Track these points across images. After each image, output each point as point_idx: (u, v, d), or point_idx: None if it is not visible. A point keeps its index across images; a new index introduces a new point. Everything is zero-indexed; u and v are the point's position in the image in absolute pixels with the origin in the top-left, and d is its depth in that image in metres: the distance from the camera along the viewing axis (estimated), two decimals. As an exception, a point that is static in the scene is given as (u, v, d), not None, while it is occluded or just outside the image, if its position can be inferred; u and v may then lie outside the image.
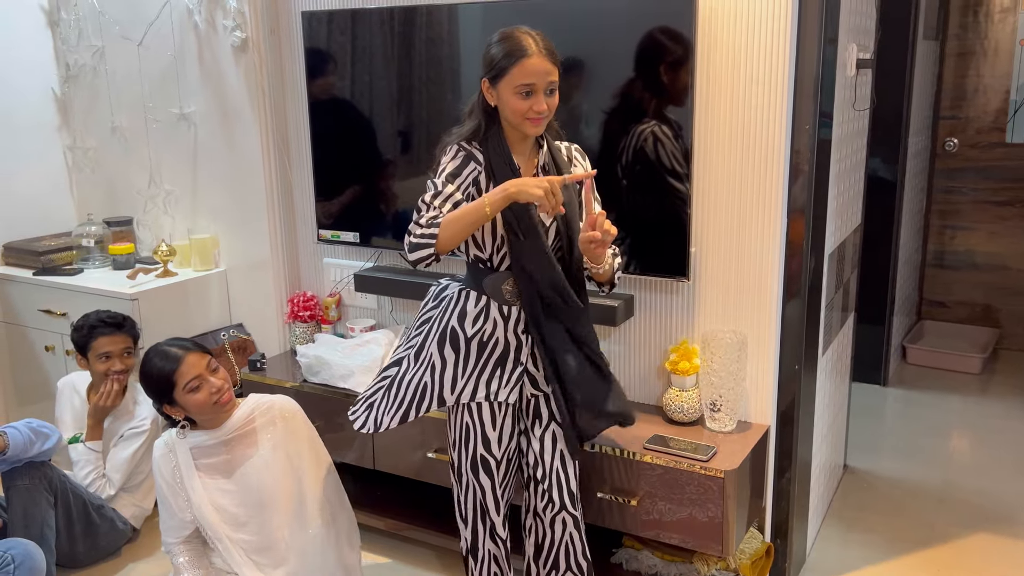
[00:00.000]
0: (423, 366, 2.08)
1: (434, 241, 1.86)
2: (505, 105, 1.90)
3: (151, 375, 2.21)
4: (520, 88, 1.86)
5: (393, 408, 2.12)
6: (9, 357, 3.44)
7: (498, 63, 1.87)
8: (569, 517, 2.11)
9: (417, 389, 2.09)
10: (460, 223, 1.84)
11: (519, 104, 1.87)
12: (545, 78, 1.86)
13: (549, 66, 1.87)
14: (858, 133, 2.80)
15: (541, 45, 1.87)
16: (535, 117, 1.88)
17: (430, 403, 2.07)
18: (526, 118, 1.89)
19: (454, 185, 1.93)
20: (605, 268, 1.99)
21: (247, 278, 3.23)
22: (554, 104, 1.91)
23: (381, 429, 2.12)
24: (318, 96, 2.91)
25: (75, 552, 2.67)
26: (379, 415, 2.13)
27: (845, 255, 2.81)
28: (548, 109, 1.89)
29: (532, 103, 1.87)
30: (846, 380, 3.12)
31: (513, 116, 1.90)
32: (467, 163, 1.96)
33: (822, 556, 2.73)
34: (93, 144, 3.51)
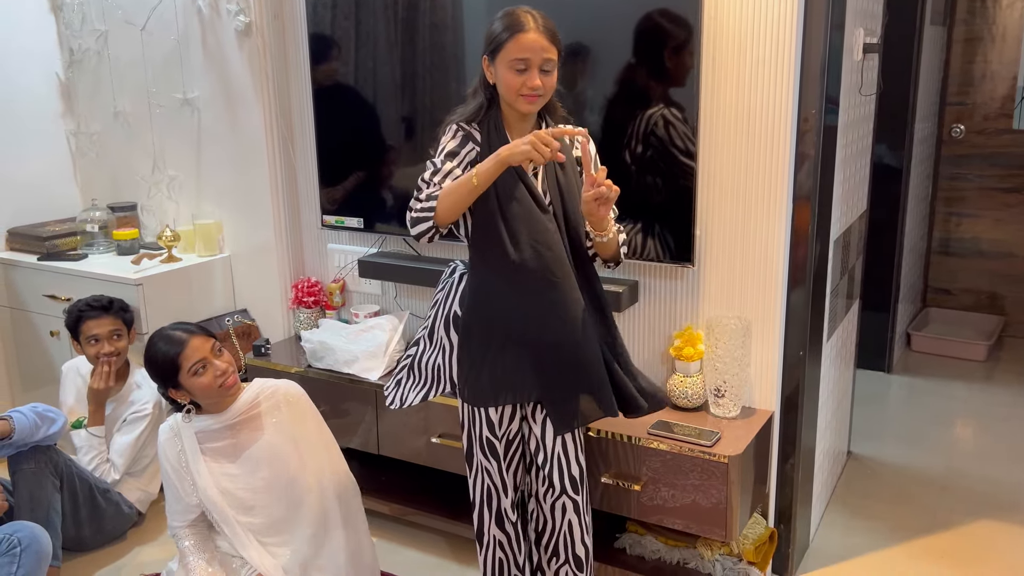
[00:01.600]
0: (436, 348, 2.10)
1: (432, 214, 1.88)
2: (501, 81, 1.90)
3: (155, 359, 2.21)
4: (515, 63, 1.86)
5: (417, 387, 2.15)
6: (14, 342, 3.45)
7: (496, 37, 1.89)
8: (569, 502, 2.12)
9: (434, 370, 2.11)
10: (453, 195, 1.86)
11: (513, 79, 1.87)
12: (540, 54, 1.86)
13: (546, 43, 1.86)
14: (864, 119, 2.79)
15: (540, 23, 1.87)
16: (528, 94, 1.87)
17: (445, 384, 2.10)
18: (520, 94, 1.88)
19: (453, 162, 1.94)
20: (610, 237, 1.96)
21: (251, 264, 3.23)
22: (550, 83, 1.90)
23: (406, 405, 2.16)
24: (322, 82, 2.90)
25: (81, 536, 2.69)
26: (405, 392, 2.17)
27: (850, 241, 2.80)
28: (543, 87, 1.88)
29: (526, 79, 1.86)
30: (850, 367, 3.12)
31: (507, 92, 1.90)
32: (465, 143, 1.97)
33: (825, 542, 2.73)
34: (97, 129, 3.50)
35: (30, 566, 2.02)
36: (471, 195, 1.87)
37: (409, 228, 1.93)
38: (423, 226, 1.91)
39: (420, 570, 2.63)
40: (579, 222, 1.99)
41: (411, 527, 2.83)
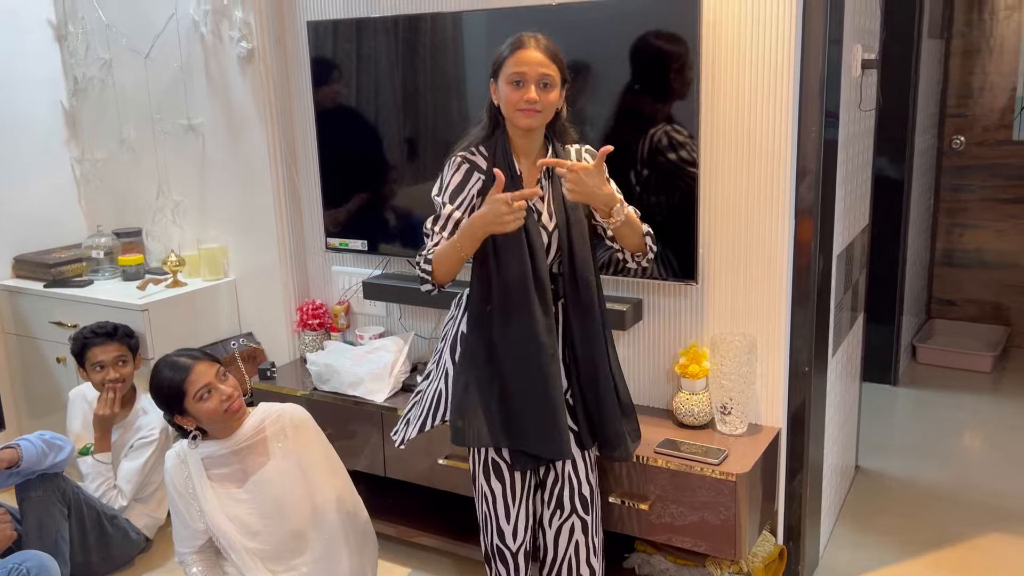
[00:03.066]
0: (439, 374, 2.10)
1: (430, 278, 1.97)
2: (501, 99, 1.92)
3: (161, 386, 2.22)
4: (512, 76, 1.88)
5: (418, 417, 2.14)
6: (21, 369, 3.46)
7: (498, 57, 1.92)
8: (578, 522, 2.11)
9: (434, 397, 2.10)
10: (447, 263, 1.94)
11: (511, 94, 1.89)
12: (537, 68, 1.87)
13: (543, 59, 1.88)
14: (864, 133, 2.80)
15: (541, 43, 1.90)
16: (526, 108, 1.88)
17: (444, 410, 2.08)
18: (517, 109, 1.89)
19: (454, 204, 1.97)
20: (621, 220, 1.93)
21: (256, 287, 3.24)
22: (548, 99, 1.90)
23: (408, 439, 2.16)
24: (324, 105, 2.92)
25: (89, 562, 2.68)
26: (410, 427, 2.16)
27: (853, 256, 2.80)
28: (540, 102, 1.89)
29: (523, 93, 1.88)
30: (856, 381, 3.12)
31: (507, 108, 1.92)
32: (469, 176, 1.98)
33: (835, 558, 2.72)
34: (102, 156, 3.52)
35: (39, 595, 2.02)
36: (461, 262, 1.93)
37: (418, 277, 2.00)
38: (427, 287, 1.99)
39: (428, 592, 2.63)
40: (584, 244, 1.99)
41: (419, 549, 2.82)
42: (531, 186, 1.98)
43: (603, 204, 1.92)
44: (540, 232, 1.97)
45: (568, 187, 1.87)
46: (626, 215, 1.95)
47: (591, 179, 1.87)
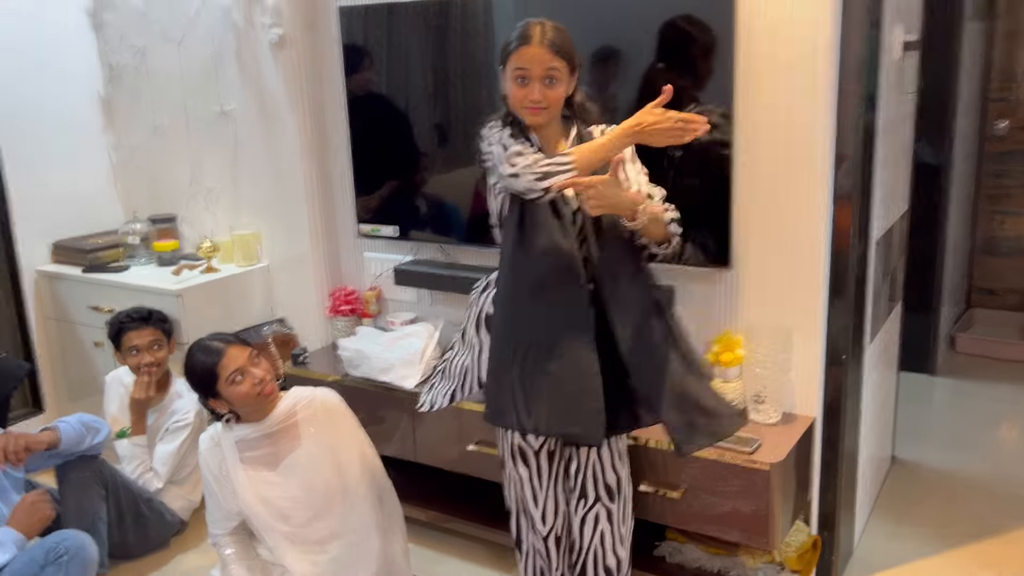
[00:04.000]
0: (467, 348, 2.10)
1: (572, 164, 1.79)
2: (507, 93, 1.91)
3: (195, 369, 2.24)
4: (516, 73, 1.86)
5: (446, 389, 2.14)
6: (60, 352, 3.52)
7: (504, 49, 1.90)
8: (603, 511, 2.09)
9: (462, 371, 2.10)
10: (599, 153, 1.80)
11: (516, 91, 1.87)
12: (541, 67, 1.84)
13: (547, 55, 1.84)
14: (904, 117, 2.74)
15: (546, 36, 1.84)
16: (531, 106, 1.87)
17: (471, 385, 2.08)
18: (522, 106, 1.88)
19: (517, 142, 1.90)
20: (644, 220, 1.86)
21: (289, 273, 3.26)
22: (554, 95, 1.87)
23: (435, 408, 2.15)
24: (355, 91, 2.92)
25: (126, 543, 2.73)
26: (435, 395, 2.17)
27: (892, 242, 2.75)
28: (544, 99, 1.86)
29: (527, 91, 1.85)
30: (893, 370, 3.06)
31: (512, 103, 1.90)
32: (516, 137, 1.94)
33: (870, 549, 2.68)
34: (136, 143, 3.56)
35: (77, 574, 2.05)
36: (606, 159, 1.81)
37: (534, 183, 1.79)
38: (561, 176, 1.78)
39: (448, 573, 2.62)
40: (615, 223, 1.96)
41: (449, 534, 2.83)
42: None
43: (626, 211, 1.87)
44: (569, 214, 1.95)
45: (590, 204, 1.82)
46: (650, 213, 1.89)
47: (609, 190, 1.81)
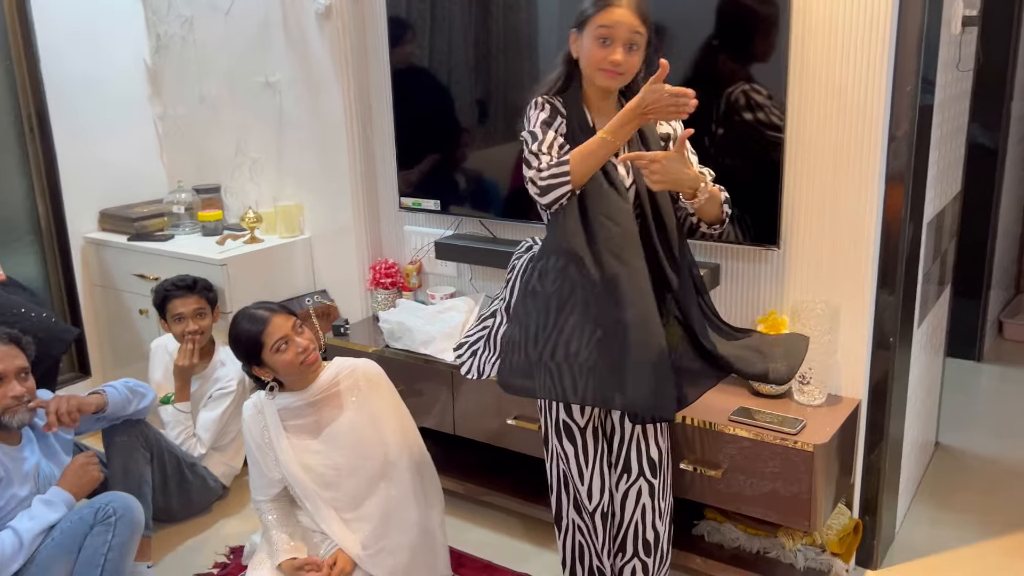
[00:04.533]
0: (514, 322, 2.08)
1: (568, 178, 1.82)
2: (584, 53, 1.87)
3: (239, 337, 2.26)
4: (600, 32, 1.82)
5: (494, 358, 2.13)
6: (106, 319, 3.58)
7: (584, 10, 1.86)
8: (645, 485, 2.09)
9: (508, 343, 2.08)
10: (592, 157, 1.81)
11: (596, 52, 1.84)
12: (627, 30, 1.82)
13: (634, 20, 1.82)
14: (961, 95, 2.67)
15: (633, 0, 1.83)
16: (609, 68, 1.84)
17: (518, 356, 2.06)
18: (600, 68, 1.84)
19: (552, 130, 1.91)
20: (704, 200, 1.88)
21: (331, 245, 3.27)
22: (633, 62, 1.85)
23: (484, 377, 2.15)
24: (399, 64, 2.91)
25: (169, 507, 2.78)
26: (482, 363, 2.16)
27: (944, 224, 2.69)
28: (625, 64, 1.84)
29: (608, 52, 1.83)
30: (940, 355, 3.01)
31: (588, 65, 1.87)
32: (554, 116, 1.94)
33: (911, 535, 2.65)
34: (182, 113, 3.59)
35: (124, 535, 2.09)
36: (609, 153, 1.82)
37: (539, 198, 1.86)
38: (559, 191, 1.83)
39: (494, 549, 2.64)
40: (666, 199, 1.95)
41: (485, 506, 2.84)
42: None
43: (688, 188, 1.87)
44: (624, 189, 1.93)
45: (653, 179, 1.81)
46: (709, 192, 1.89)
47: (673, 165, 1.81)
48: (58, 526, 2.10)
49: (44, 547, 2.07)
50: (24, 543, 2.04)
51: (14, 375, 2.15)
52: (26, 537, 2.04)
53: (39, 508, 2.11)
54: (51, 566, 2.05)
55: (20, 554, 2.03)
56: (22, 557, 2.04)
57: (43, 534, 2.07)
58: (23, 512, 2.10)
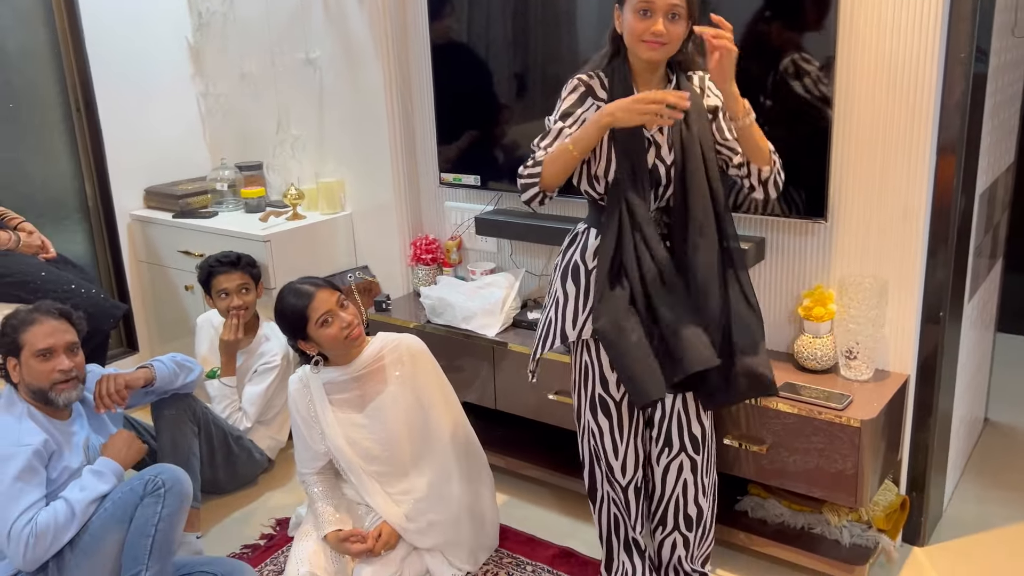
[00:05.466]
0: (551, 302, 2.08)
1: (538, 180, 1.91)
2: (626, 27, 1.86)
3: (285, 312, 2.28)
4: (640, 5, 1.81)
5: (535, 348, 2.12)
6: (153, 296, 3.65)
7: None
8: (687, 461, 2.08)
9: (544, 325, 2.09)
10: (556, 163, 1.88)
11: (637, 24, 1.82)
12: (666, 0, 1.79)
13: None
14: (1016, 63, 2.59)
15: None
16: (651, 40, 1.82)
17: (554, 339, 2.05)
18: (642, 39, 1.82)
19: (566, 123, 1.93)
20: (751, 118, 1.85)
21: (372, 221, 3.29)
22: (676, 32, 1.83)
23: (533, 375, 2.15)
24: (438, 39, 2.90)
25: (217, 479, 2.84)
26: (531, 361, 2.16)
27: (996, 196, 2.62)
28: (668, 34, 1.81)
29: (650, 24, 1.80)
30: (991, 330, 2.94)
31: (630, 37, 1.85)
32: (584, 100, 1.94)
33: (959, 512, 2.61)
34: (224, 90, 3.62)
35: (173, 506, 2.13)
36: (572, 162, 1.87)
37: (519, 193, 1.97)
38: (530, 192, 1.95)
39: (536, 523, 2.66)
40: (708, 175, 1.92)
41: (527, 480, 2.86)
42: None
43: (732, 98, 1.84)
44: (655, 162, 1.92)
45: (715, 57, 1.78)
46: (751, 121, 1.87)
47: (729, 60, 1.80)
48: (109, 497, 2.14)
49: (96, 517, 2.11)
50: (76, 513, 2.09)
51: (63, 349, 2.18)
52: (78, 507, 2.09)
53: (89, 479, 2.16)
54: (104, 536, 2.10)
55: (73, 523, 2.08)
56: (75, 526, 2.09)
57: (95, 504, 2.12)
58: (74, 482, 2.15)
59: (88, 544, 2.10)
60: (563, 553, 2.49)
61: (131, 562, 2.09)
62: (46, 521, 2.05)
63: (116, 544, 2.11)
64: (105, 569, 2.10)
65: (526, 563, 2.46)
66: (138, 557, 2.09)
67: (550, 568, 2.43)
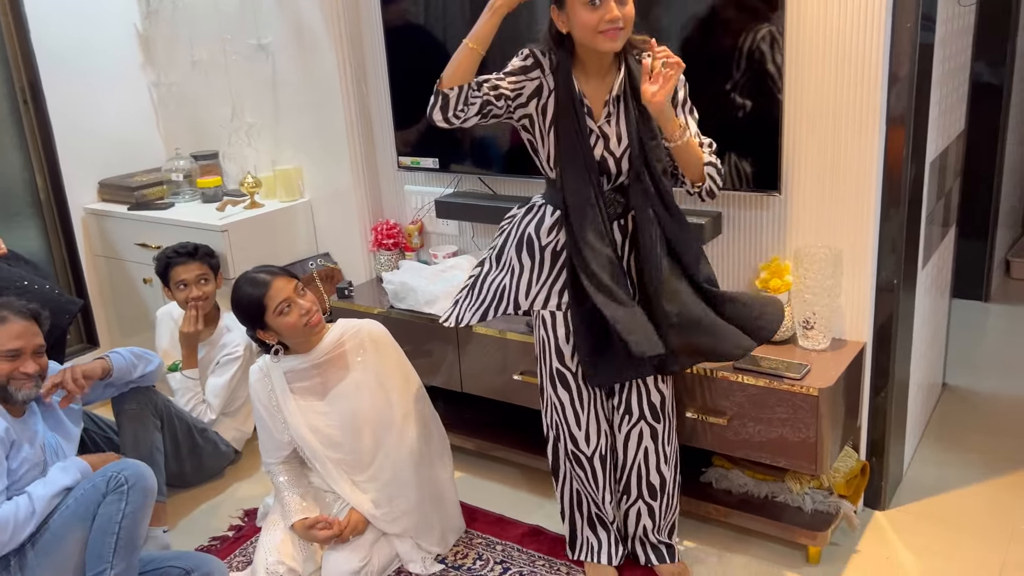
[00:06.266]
0: (503, 269, 2.09)
1: (438, 85, 1.84)
2: (575, 24, 1.81)
3: (242, 302, 2.26)
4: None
5: (475, 306, 2.15)
6: (111, 290, 3.59)
7: None
8: (647, 428, 2.11)
9: (497, 290, 2.11)
10: (455, 60, 1.83)
11: (589, 16, 1.77)
12: None
13: None
14: (963, 32, 2.62)
15: None
16: (608, 28, 1.78)
17: (507, 305, 2.09)
18: (599, 31, 1.79)
19: (502, 75, 1.89)
20: (682, 142, 1.86)
21: (331, 208, 3.26)
22: (630, 13, 1.80)
23: (462, 324, 2.17)
24: (393, 22, 2.87)
25: (183, 473, 2.81)
26: (461, 311, 2.18)
27: (947, 164, 2.66)
28: (622, 18, 1.78)
29: (602, 12, 1.76)
30: (946, 296, 3.00)
31: (585, 34, 1.80)
32: (532, 69, 1.90)
33: (919, 475, 2.66)
34: (176, 79, 3.56)
35: (137, 502, 2.11)
36: (471, 55, 1.82)
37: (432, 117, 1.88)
38: (431, 100, 1.86)
39: (505, 502, 2.67)
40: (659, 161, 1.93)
41: (495, 461, 2.87)
42: (597, 111, 1.91)
43: (668, 120, 1.84)
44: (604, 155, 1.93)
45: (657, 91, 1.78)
46: (687, 140, 1.87)
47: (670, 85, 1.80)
48: (72, 494, 2.12)
49: (58, 515, 2.09)
50: (36, 508, 2.06)
51: (31, 352, 2.16)
52: (39, 503, 2.07)
53: (54, 474, 2.14)
54: (65, 534, 2.08)
55: (34, 518, 2.06)
56: (36, 520, 2.06)
57: (56, 497, 2.10)
58: (39, 480, 2.13)
59: (50, 542, 2.07)
60: (532, 531, 2.51)
61: (95, 560, 2.07)
62: (5, 515, 2.02)
63: (79, 542, 2.08)
64: (68, 568, 2.08)
65: (496, 543, 2.48)
66: (103, 555, 2.07)
67: (520, 547, 2.45)
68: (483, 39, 1.81)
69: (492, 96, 1.86)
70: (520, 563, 2.38)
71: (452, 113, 1.84)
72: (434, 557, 2.41)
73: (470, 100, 1.83)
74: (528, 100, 1.91)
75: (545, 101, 1.92)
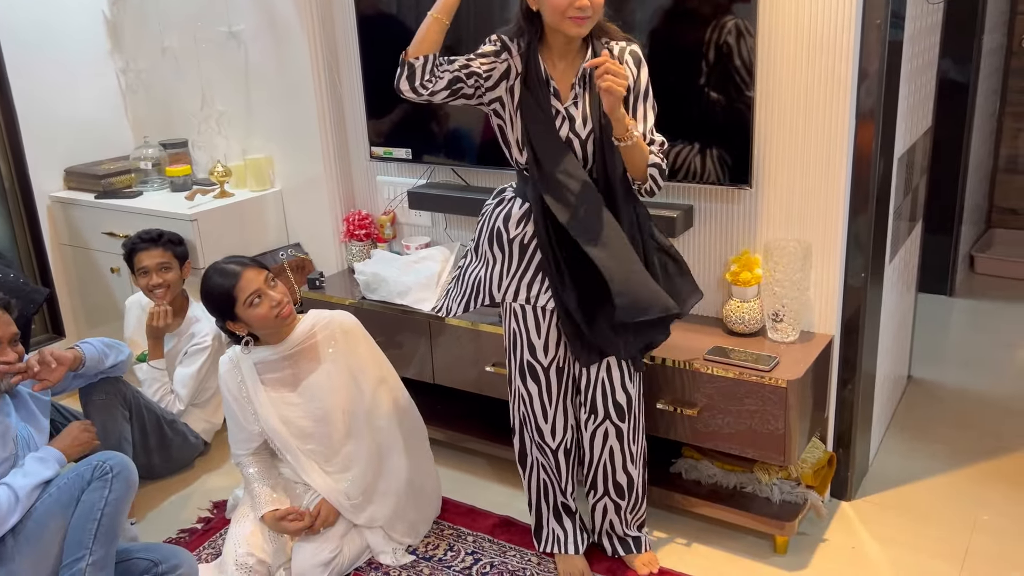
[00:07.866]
0: (480, 261, 2.12)
1: (403, 55, 1.84)
2: (546, 5, 1.82)
3: (211, 293, 2.24)
4: None
5: (460, 297, 2.19)
6: (77, 279, 3.54)
7: None
8: (612, 428, 2.12)
9: (475, 283, 2.13)
10: (421, 32, 1.82)
11: (559, 1, 1.78)
12: None
13: None
14: (930, 29, 2.65)
15: None
16: (576, 15, 1.79)
17: (483, 297, 2.12)
18: (567, 16, 1.80)
19: (473, 56, 1.90)
20: (630, 144, 1.85)
21: (302, 198, 3.24)
22: (597, 2, 1.81)
23: (451, 315, 2.21)
24: (365, 11, 2.85)
25: (151, 464, 2.79)
26: (449, 301, 2.23)
27: (914, 160, 2.69)
28: (590, 6, 1.79)
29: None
30: (912, 290, 3.04)
31: (553, 16, 1.82)
32: (500, 53, 1.91)
33: (885, 466, 2.70)
34: (144, 66, 3.51)
35: (120, 491, 2.09)
36: (436, 25, 1.82)
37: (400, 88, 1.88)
38: (398, 71, 1.85)
39: (476, 493, 2.68)
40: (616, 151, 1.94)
41: (467, 452, 2.87)
42: (564, 92, 1.92)
43: (618, 121, 1.83)
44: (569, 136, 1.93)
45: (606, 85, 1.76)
46: (635, 142, 1.87)
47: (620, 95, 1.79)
48: (55, 482, 2.10)
49: (41, 502, 2.07)
50: (20, 499, 2.05)
51: (7, 341, 2.14)
52: (22, 493, 2.05)
53: (32, 465, 2.11)
54: (47, 522, 2.06)
55: (17, 509, 2.04)
56: (19, 512, 2.05)
57: (38, 489, 2.08)
58: (16, 470, 2.10)
59: (32, 530, 2.05)
60: (503, 522, 2.52)
61: (74, 546, 2.04)
62: None
63: (60, 530, 2.07)
64: (49, 555, 2.06)
65: (467, 534, 2.48)
66: (82, 541, 2.04)
67: (491, 537, 2.46)
68: (448, 10, 1.82)
69: (463, 74, 1.87)
70: (491, 553, 2.39)
71: (419, 83, 1.84)
72: (405, 548, 2.41)
73: (438, 73, 1.84)
74: (497, 83, 1.92)
75: (513, 83, 1.93)
